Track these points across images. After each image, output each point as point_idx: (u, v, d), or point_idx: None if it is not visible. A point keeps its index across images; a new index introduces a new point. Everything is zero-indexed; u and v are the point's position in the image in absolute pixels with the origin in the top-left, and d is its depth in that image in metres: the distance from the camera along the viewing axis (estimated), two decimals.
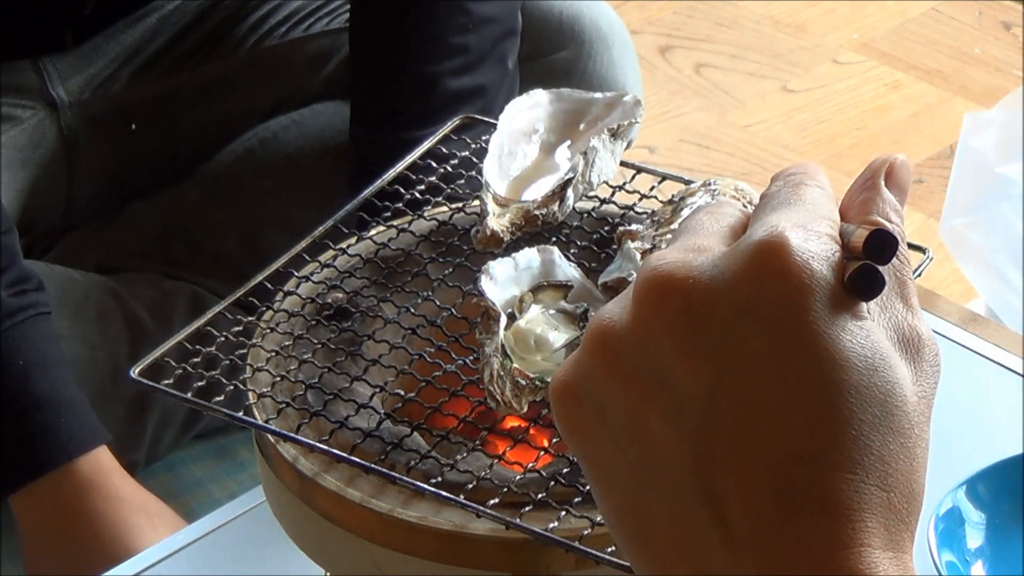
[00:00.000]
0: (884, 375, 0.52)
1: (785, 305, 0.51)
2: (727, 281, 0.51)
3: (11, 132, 1.50)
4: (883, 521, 0.51)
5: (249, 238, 1.54)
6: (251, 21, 1.62)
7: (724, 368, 0.51)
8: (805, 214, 0.53)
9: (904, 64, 2.44)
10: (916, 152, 2.24)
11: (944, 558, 1.00)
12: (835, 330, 0.51)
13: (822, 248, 0.52)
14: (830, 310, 0.51)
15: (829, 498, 0.50)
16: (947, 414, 1.17)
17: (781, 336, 0.51)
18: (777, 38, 2.49)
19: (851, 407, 0.51)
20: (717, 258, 0.52)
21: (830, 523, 0.50)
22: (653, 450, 0.52)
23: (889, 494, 0.51)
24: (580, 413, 0.53)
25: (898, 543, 0.51)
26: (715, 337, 0.51)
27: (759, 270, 0.51)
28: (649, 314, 0.52)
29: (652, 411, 0.52)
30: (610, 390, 0.52)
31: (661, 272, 0.52)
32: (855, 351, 0.51)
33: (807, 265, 0.51)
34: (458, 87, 1.46)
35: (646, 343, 0.52)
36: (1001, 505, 1.05)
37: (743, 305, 0.51)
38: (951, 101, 2.35)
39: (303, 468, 0.82)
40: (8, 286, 1.33)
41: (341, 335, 0.89)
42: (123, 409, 1.44)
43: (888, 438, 0.52)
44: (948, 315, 1.24)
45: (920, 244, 0.93)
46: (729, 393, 0.51)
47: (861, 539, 0.50)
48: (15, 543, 1.37)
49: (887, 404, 0.52)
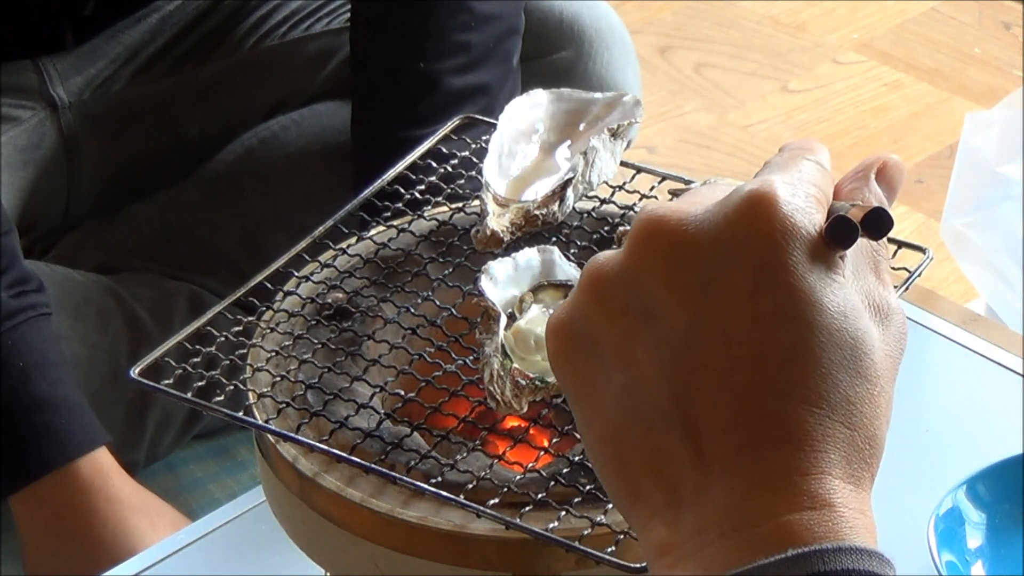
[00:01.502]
0: (854, 323, 0.55)
1: (768, 248, 0.54)
2: (716, 224, 0.55)
3: (11, 132, 1.50)
4: (844, 455, 0.54)
5: (249, 238, 1.54)
6: (251, 21, 1.62)
7: (706, 302, 0.54)
8: (797, 178, 0.58)
9: (904, 64, 2.44)
10: (916, 152, 2.24)
11: (944, 558, 1.00)
12: (812, 276, 0.55)
13: (807, 205, 0.56)
14: (808, 259, 0.55)
15: (795, 427, 0.53)
16: (947, 414, 1.17)
17: (762, 276, 0.54)
18: (777, 38, 2.49)
19: (822, 346, 0.54)
20: (709, 206, 0.56)
21: (794, 450, 0.53)
22: (637, 378, 0.55)
23: (853, 432, 0.54)
24: (572, 348, 0.57)
25: (858, 479, 0.54)
26: (700, 273, 0.55)
27: (746, 215, 0.55)
28: (640, 251, 0.56)
29: (638, 341, 0.55)
30: (601, 324, 0.56)
31: (654, 215, 0.56)
32: (828, 297, 0.55)
33: (791, 216, 0.55)
34: (461, 85, 1.46)
35: (636, 278, 0.56)
36: (1001, 505, 1.05)
37: (729, 245, 0.55)
38: (951, 101, 2.35)
39: (303, 468, 0.82)
40: (8, 287, 1.33)
41: (341, 335, 0.89)
42: (123, 409, 1.44)
43: (855, 381, 0.55)
44: (948, 315, 1.24)
45: (920, 244, 0.93)
46: (709, 325, 0.54)
47: (822, 467, 0.53)
48: (15, 543, 1.37)
49: (856, 350, 0.55)
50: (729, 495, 0.53)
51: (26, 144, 1.51)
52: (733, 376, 0.54)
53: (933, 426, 1.14)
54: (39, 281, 1.36)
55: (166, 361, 0.86)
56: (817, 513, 0.52)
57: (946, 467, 1.09)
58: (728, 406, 0.54)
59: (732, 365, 0.54)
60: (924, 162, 2.22)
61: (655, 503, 0.55)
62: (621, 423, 0.56)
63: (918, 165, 2.21)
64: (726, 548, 0.53)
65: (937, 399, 1.19)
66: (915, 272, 0.89)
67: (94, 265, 1.52)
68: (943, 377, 1.21)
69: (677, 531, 0.54)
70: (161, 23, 1.59)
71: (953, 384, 1.20)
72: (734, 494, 0.53)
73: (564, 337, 0.58)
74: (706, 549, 0.53)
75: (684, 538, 0.54)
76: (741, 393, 0.54)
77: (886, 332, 0.57)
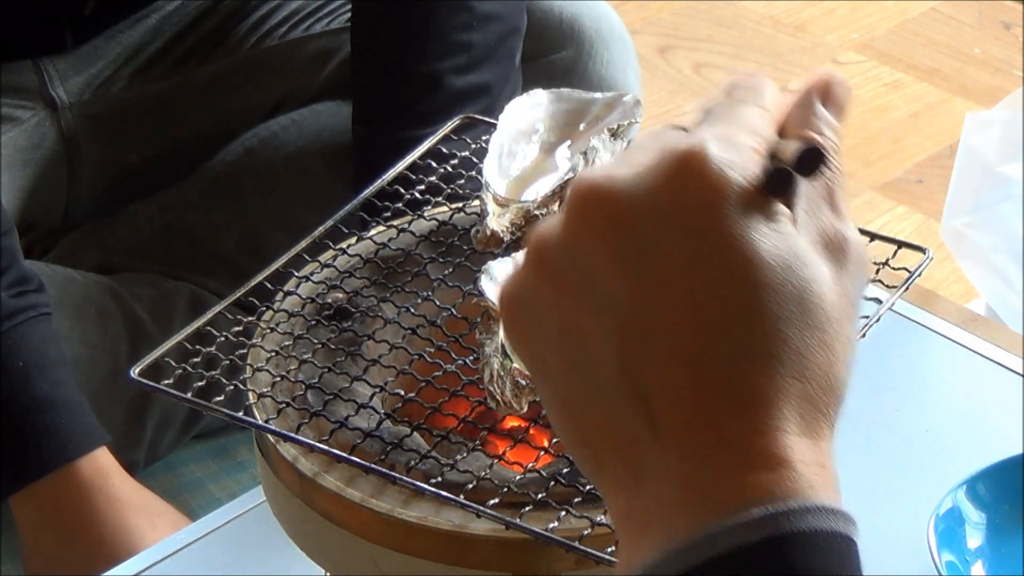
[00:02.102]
0: (800, 274, 0.54)
1: (700, 210, 0.54)
2: (647, 189, 0.54)
3: (11, 133, 1.50)
4: (799, 410, 0.53)
5: (249, 238, 1.54)
6: (251, 21, 1.62)
7: (644, 270, 0.54)
8: (733, 128, 0.57)
9: (904, 64, 2.44)
10: (916, 152, 2.24)
11: (944, 558, 1.00)
12: (750, 232, 0.54)
13: (740, 158, 0.55)
14: (745, 214, 0.54)
15: (746, 388, 0.53)
16: (947, 414, 1.17)
17: (697, 240, 0.53)
18: (777, 38, 2.49)
19: (766, 304, 0.53)
20: (642, 170, 0.55)
21: (747, 410, 0.53)
22: (585, 351, 0.55)
23: (805, 384, 0.54)
24: (522, 320, 0.57)
25: (815, 431, 0.54)
26: (636, 241, 0.54)
27: (676, 178, 0.54)
28: (575, 221, 0.55)
29: (582, 314, 0.55)
30: (546, 295, 0.56)
31: (586, 184, 0.55)
32: (770, 251, 0.54)
33: (722, 173, 0.54)
34: (462, 85, 1.46)
35: (574, 249, 0.55)
36: (1001, 505, 1.05)
37: (662, 211, 0.54)
38: (951, 101, 2.35)
39: (303, 468, 0.82)
40: (8, 287, 1.32)
41: (341, 335, 0.89)
42: (123, 409, 1.44)
43: (805, 333, 0.54)
44: (948, 315, 1.24)
45: (920, 244, 0.93)
46: (649, 294, 0.54)
47: (776, 424, 0.53)
48: (15, 543, 1.37)
49: (803, 301, 0.54)
50: (684, 462, 0.53)
51: (26, 144, 1.51)
52: (677, 343, 0.53)
53: (933, 426, 1.14)
54: (39, 281, 1.36)
55: (166, 361, 0.86)
56: (775, 473, 0.52)
57: (946, 467, 1.09)
58: (676, 374, 0.53)
59: (675, 332, 0.53)
60: (924, 162, 2.22)
61: (617, 473, 0.55)
62: (574, 394, 0.56)
63: (918, 165, 2.21)
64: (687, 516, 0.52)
65: (937, 399, 1.19)
66: (915, 272, 0.89)
67: (94, 265, 1.52)
68: (943, 377, 1.21)
69: (639, 501, 0.54)
70: (161, 23, 1.59)
71: (953, 384, 1.20)
72: (690, 462, 0.53)
73: (514, 312, 0.57)
74: (669, 519, 0.53)
75: (646, 508, 0.54)
76: (687, 360, 0.53)
77: (843, 269, 0.56)
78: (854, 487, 1.10)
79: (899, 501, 1.07)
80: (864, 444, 1.11)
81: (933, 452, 1.12)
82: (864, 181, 2.13)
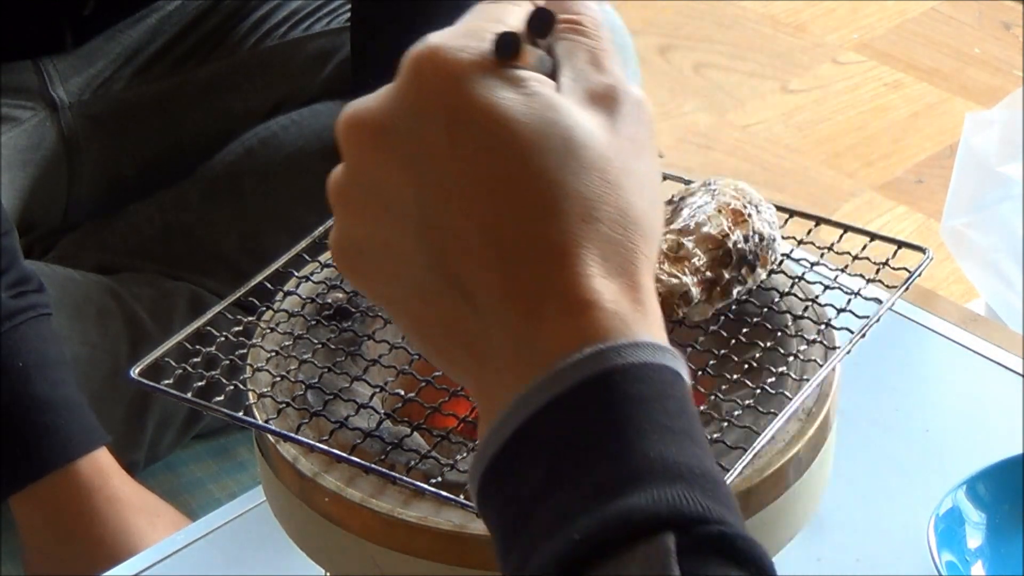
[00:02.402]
0: (559, 122, 0.56)
1: (442, 95, 0.57)
2: (394, 98, 0.58)
3: (11, 133, 1.50)
4: (598, 252, 0.55)
5: (249, 238, 1.54)
6: (251, 21, 1.62)
7: (420, 170, 0.57)
8: (471, 22, 0.60)
9: (904, 64, 2.44)
10: (916, 152, 2.24)
11: (944, 558, 1.00)
12: (495, 99, 0.56)
13: (471, 43, 0.58)
14: (486, 85, 0.56)
15: (541, 244, 0.55)
16: (947, 414, 1.17)
17: (448, 122, 0.56)
18: (777, 38, 2.49)
19: (531, 158, 0.56)
20: (388, 87, 0.59)
21: (546, 265, 0.55)
22: (401, 262, 0.58)
23: (597, 224, 0.55)
24: (354, 262, 0.60)
25: (624, 268, 0.55)
26: (401, 146, 0.57)
27: (415, 78, 0.58)
28: (349, 153, 0.60)
29: (386, 229, 0.58)
30: (358, 232, 0.60)
31: (346, 114, 0.60)
32: (521, 111, 0.56)
33: (454, 57, 0.57)
34: None
35: (357, 175, 0.59)
36: (1001, 505, 1.05)
37: (412, 110, 0.57)
38: (951, 101, 2.35)
39: (303, 468, 0.82)
40: (8, 287, 1.32)
41: (341, 335, 0.89)
42: (123, 409, 1.44)
43: (581, 176, 0.56)
44: (948, 315, 1.23)
45: (920, 244, 0.93)
46: (432, 190, 0.57)
47: (578, 271, 0.55)
48: (15, 543, 1.37)
49: (570, 146, 0.56)
50: (506, 329, 0.55)
51: (26, 144, 1.51)
52: (468, 223, 0.56)
53: (933, 426, 1.14)
54: (39, 281, 1.36)
55: (166, 361, 0.86)
56: (585, 317, 0.54)
57: (946, 467, 1.09)
58: (475, 250, 0.56)
59: (463, 213, 0.56)
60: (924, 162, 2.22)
61: (464, 361, 0.57)
62: (409, 305, 0.59)
63: (918, 165, 2.21)
64: (520, 377, 0.54)
65: (937, 399, 1.19)
66: (915, 272, 0.89)
67: (94, 265, 1.52)
68: (943, 377, 1.21)
69: (486, 378, 0.56)
70: (161, 23, 1.59)
71: (953, 384, 1.20)
72: (511, 328, 0.55)
73: (341, 256, 0.61)
74: (510, 385, 0.55)
75: (491, 382, 0.56)
76: (483, 239, 0.56)
77: (616, 115, 0.58)
78: (854, 487, 1.11)
79: (899, 501, 1.07)
80: (864, 444, 1.11)
81: (933, 452, 1.12)
82: (864, 181, 2.13)
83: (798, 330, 0.88)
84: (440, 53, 0.57)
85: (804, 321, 0.88)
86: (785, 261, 0.91)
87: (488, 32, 0.58)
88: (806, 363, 0.85)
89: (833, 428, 0.87)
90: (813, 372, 0.85)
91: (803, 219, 0.96)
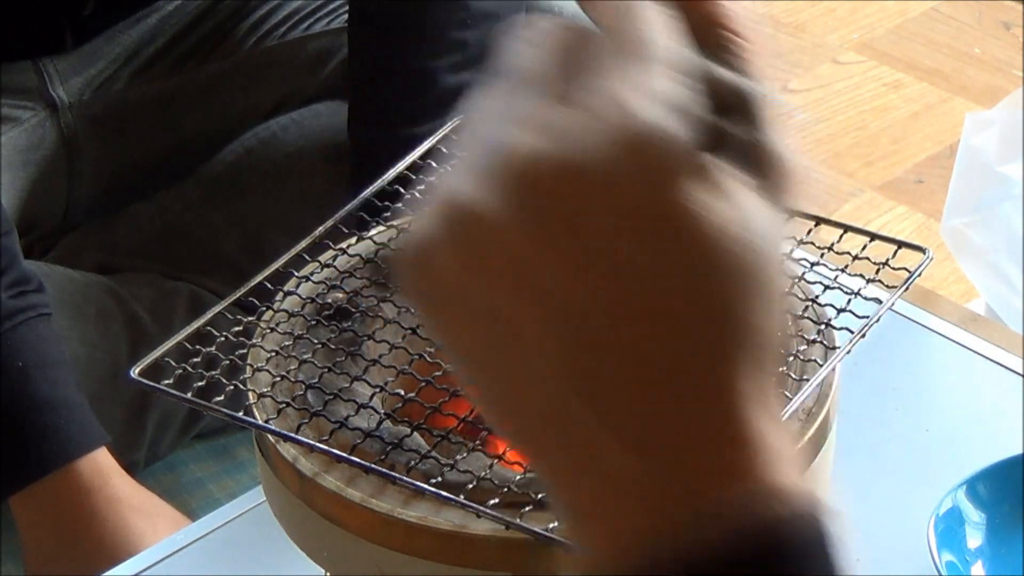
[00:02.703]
0: (752, 235, 0.48)
1: (649, 198, 0.47)
2: (601, 180, 0.47)
3: (11, 133, 1.50)
4: (752, 381, 0.48)
5: (249, 238, 1.54)
6: (251, 21, 1.62)
7: (586, 263, 0.47)
8: (653, 93, 0.48)
9: (904, 64, 2.44)
10: (916, 152, 2.24)
11: (944, 558, 1.00)
12: (709, 214, 0.47)
13: (673, 126, 0.47)
14: (700, 194, 0.47)
15: (708, 380, 0.48)
16: (947, 414, 1.17)
17: (645, 231, 0.47)
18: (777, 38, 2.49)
19: (732, 290, 0.48)
20: (586, 146, 0.47)
21: (709, 400, 0.48)
22: (518, 338, 0.48)
23: (755, 353, 0.48)
24: (435, 299, 0.49)
25: (764, 392, 0.48)
26: (592, 238, 0.47)
27: (635, 169, 0.47)
28: (514, 203, 0.47)
29: (514, 301, 0.48)
30: (465, 279, 0.48)
31: (525, 159, 0.48)
32: (726, 226, 0.47)
33: (668, 150, 0.47)
34: (456, 83, 1.46)
35: (512, 237, 0.47)
36: (1001, 505, 1.05)
37: (623, 206, 0.47)
38: (951, 101, 2.35)
39: (303, 468, 0.82)
40: (8, 287, 1.32)
41: (341, 335, 0.89)
42: (123, 409, 1.44)
43: (758, 302, 0.48)
44: (948, 315, 1.24)
45: (920, 244, 0.93)
46: (596, 288, 0.47)
47: (738, 405, 0.47)
48: (15, 543, 1.37)
49: (758, 265, 0.48)
50: (646, 459, 0.47)
51: (26, 144, 1.51)
52: (622, 332, 0.47)
53: (933, 426, 1.14)
54: (39, 281, 1.36)
55: (166, 361, 0.86)
56: (745, 454, 0.47)
57: (946, 467, 1.09)
58: (630, 369, 0.47)
59: (622, 320, 0.47)
60: (924, 162, 2.22)
61: (556, 459, 0.49)
62: (505, 383, 0.49)
63: (918, 165, 2.21)
64: (659, 505, 0.47)
65: (937, 399, 1.19)
66: (915, 272, 0.89)
67: (94, 265, 1.52)
68: (943, 377, 1.21)
69: (576, 487, 0.49)
70: (161, 23, 1.59)
71: (953, 384, 1.20)
72: (655, 460, 0.47)
73: (421, 285, 0.49)
74: (642, 507, 0.48)
75: (602, 498, 0.48)
76: (638, 354, 0.47)
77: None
78: (854, 487, 1.11)
79: (899, 501, 1.07)
80: (864, 444, 1.11)
81: (933, 452, 1.12)
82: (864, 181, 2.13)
83: (798, 330, 0.88)
84: (653, 142, 0.47)
85: (804, 321, 0.88)
86: (785, 261, 0.91)
87: (671, 102, 0.48)
88: (806, 363, 0.85)
89: (833, 428, 0.87)
90: (813, 372, 0.85)
91: (803, 219, 0.96)
